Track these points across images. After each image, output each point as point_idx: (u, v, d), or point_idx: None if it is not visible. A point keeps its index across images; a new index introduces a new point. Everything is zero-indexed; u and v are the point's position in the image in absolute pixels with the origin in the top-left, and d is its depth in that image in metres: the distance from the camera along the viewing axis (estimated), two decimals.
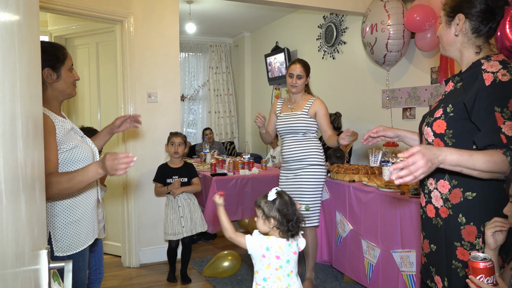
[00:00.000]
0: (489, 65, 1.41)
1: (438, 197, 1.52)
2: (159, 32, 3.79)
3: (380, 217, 2.85)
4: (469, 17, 1.46)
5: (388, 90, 4.42)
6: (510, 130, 1.28)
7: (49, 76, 1.65)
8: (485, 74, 1.39)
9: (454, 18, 1.49)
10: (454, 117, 1.45)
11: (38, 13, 0.92)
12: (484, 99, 1.34)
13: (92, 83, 4.12)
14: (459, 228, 1.46)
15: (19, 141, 0.68)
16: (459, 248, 1.47)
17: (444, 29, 1.53)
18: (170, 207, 3.32)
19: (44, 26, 4.26)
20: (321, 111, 3.11)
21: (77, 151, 1.66)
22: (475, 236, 1.43)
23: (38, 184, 0.84)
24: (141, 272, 3.63)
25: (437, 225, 1.54)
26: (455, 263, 1.48)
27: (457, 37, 1.50)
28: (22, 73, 0.71)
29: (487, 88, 1.35)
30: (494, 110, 1.31)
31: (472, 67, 1.47)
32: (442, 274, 1.53)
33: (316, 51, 5.68)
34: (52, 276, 1.07)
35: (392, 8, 3.86)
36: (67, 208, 1.63)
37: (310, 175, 3.08)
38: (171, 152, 3.35)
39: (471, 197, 1.44)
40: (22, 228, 0.68)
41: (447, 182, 1.49)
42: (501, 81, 1.34)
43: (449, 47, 1.55)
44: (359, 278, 3.10)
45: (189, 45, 7.60)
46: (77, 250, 1.65)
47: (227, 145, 7.40)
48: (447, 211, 1.49)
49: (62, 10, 3.33)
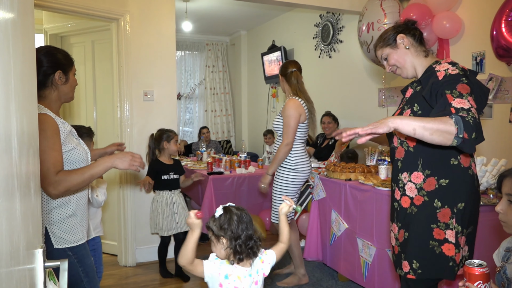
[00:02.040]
0: (440, 66, 1.69)
1: (412, 188, 1.72)
2: (155, 30, 3.78)
3: (376, 216, 2.86)
4: (404, 33, 1.80)
5: (384, 89, 4.43)
6: (458, 103, 1.49)
7: (60, 78, 1.72)
8: (438, 72, 1.66)
9: (396, 41, 1.80)
10: (421, 114, 1.68)
11: (33, 11, 0.91)
12: (437, 87, 1.60)
13: (88, 82, 4.10)
14: (435, 211, 1.67)
15: (13, 139, 0.68)
16: (436, 229, 1.66)
17: (395, 53, 1.81)
18: (164, 204, 3.34)
19: (39, 24, 4.23)
20: (283, 112, 3.05)
21: (74, 153, 1.71)
22: (449, 217, 1.65)
23: (33, 183, 0.83)
24: (137, 271, 3.63)
25: (411, 213, 1.72)
26: (432, 243, 1.67)
27: (409, 49, 1.79)
28: (17, 71, 0.71)
29: (439, 81, 1.61)
30: (445, 93, 1.55)
31: (427, 71, 1.74)
32: (411, 257, 1.71)
33: (312, 49, 5.68)
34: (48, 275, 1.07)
35: (388, 7, 3.86)
36: (61, 203, 1.69)
37: (277, 175, 3.13)
38: (174, 149, 3.38)
39: (445, 183, 1.65)
40: (16, 227, 0.68)
41: (420, 173, 1.70)
42: (450, 74, 1.61)
43: (406, 65, 1.81)
44: (354, 277, 3.11)
45: (185, 43, 7.58)
46: (75, 243, 1.70)
47: (223, 143, 7.40)
48: (422, 199, 1.69)
49: (58, 8, 3.31)
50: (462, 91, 1.52)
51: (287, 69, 3.16)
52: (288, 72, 3.15)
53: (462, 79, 1.57)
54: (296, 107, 3.01)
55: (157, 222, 3.36)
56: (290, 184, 3.08)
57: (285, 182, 3.09)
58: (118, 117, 3.71)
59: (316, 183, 3.54)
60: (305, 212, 4.11)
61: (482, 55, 3.35)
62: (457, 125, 1.40)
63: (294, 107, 3.01)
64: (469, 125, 1.41)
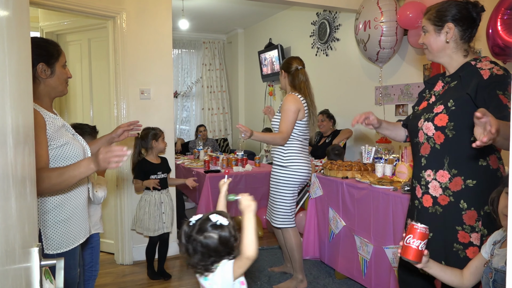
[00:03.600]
0: (482, 64, 1.61)
1: (436, 186, 1.66)
2: (152, 28, 3.76)
3: (372, 214, 2.86)
4: (457, 26, 1.66)
5: (381, 87, 4.43)
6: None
7: (43, 71, 1.64)
8: (481, 71, 1.58)
9: (443, 27, 1.67)
10: (455, 111, 1.61)
11: (28, 9, 0.91)
12: (486, 87, 1.53)
13: (84, 80, 4.09)
14: (460, 213, 1.61)
15: (9, 137, 0.67)
16: (461, 232, 1.61)
17: (434, 37, 1.70)
18: (152, 203, 3.28)
19: (35, 22, 4.21)
20: (282, 106, 3.00)
21: (67, 148, 1.64)
22: (475, 219, 1.59)
23: (29, 181, 0.83)
24: (134, 269, 3.63)
25: (435, 213, 1.67)
26: (456, 246, 1.62)
27: (448, 43, 1.68)
28: (12, 69, 0.71)
29: (486, 80, 1.54)
30: (498, 93, 1.50)
31: (464, 68, 1.66)
32: (439, 258, 1.64)
33: (309, 48, 5.68)
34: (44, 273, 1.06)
35: (385, 5, 3.87)
36: (57, 205, 1.63)
37: (272, 174, 3.10)
38: (162, 147, 3.34)
39: (471, 184, 1.59)
40: (12, 225, 0.68)
41: (446, 172, 1.63)
42: (497, 74, 1.55)
43: (439, 53, 1.72)
44: (353, 274, 3.12)
45: (182, 41, 7.56)
46: (67, 248, 1.64)
47: (220, 142, 7.39)
48: (447, 199, 1.63)
49: (54, 6, 3.29)
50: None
51: (291, 66, 3.08)
52: (292, 69, 3.07)
53: (509, 80, 1.53)
54: (295, 101, 2.95)
55: (142, 221, 3.29)
56: (283, 182, 3.01)
57: (277, 179, 3.04)
58: (115, 116, 3.70)
59: (313, 181, 3.55)
60: (302, 210, 4.12)
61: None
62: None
63: (293, 101, 2.95)
64: None
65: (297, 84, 3.06)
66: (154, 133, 3.31)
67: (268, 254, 3.86)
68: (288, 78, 3.10)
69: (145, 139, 3.30)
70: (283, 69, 3.14)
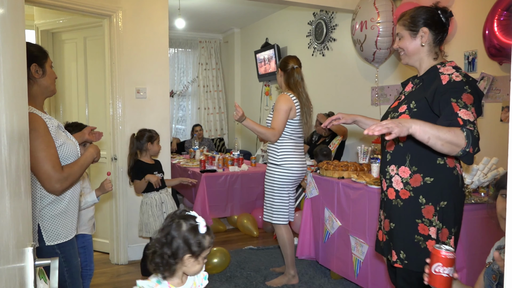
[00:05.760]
0: (444, 69, 1.71)
1: (398, 181, 1.77)
2: (148, 27, 3.75)
3: (368, 214, 2.87)
4: (430, 30, 1.75)
5: (377, 87, 4.44)
6: (465, 115, 1.54)
7: (37, 71, 1.68)
8: (442, 76, 1.68)
9: (418, 32, 1.76)
10: (417, 112, 1.71)
11: (23, 6, 0.90)
12: (442, 93, 1.62)
13: (79, 79, 4.07)
14: (419, 207, 1.71)
15: (3, 136, 0.67)
16: (420, 225, 1.72)
17: (409, 41, 1.79)
18: (154, 205, 3.25)
19: (30, 20, 4.19)
20: (275, 106, 3.06)
21: (65, 148, 1.70)
22: (432, 214, 1.70)
23: (24, 181, 0.82)
24: (129, 269, 3.61)
25: (397, 205, 1.78)
26: (417, 237, 1.72)
27: (423, 47, 1.77)
28: (6, 67, 0.70)
29: (443, 86, 1.64)
30: (451, 101, 1.58)
31: (430, 71, 1.76)
32: (398, 248, 1.77)
33: (306, 48, 5.69)
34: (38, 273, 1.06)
35: (381, 5, 3.88)
36: (54, 200, 1.70)
37: (267, 173, 3.15)
38: (157, 150, 3.32)
39: (429, 181, 1.70)
40: (6, 225, 0.67)
41: (407, 168, 1.74)
42: (455, 80, 1.63)
43: (413, 56, 1.81)
44: (347, 274, 3.12)
45: (178, 40, 7.55)
46: (66, 238, 1.73)
47: (216, 141, 7.39)
48: (408, 193, 1.74)
49: (49, 4, 3.27)
50: (467, 102, 1.57)
51: (287, 65, 3.12)
52: (289, 68, 3.11)
53: (465, 87, 1.60)
54: (287, 101, 3.01)
55: (147, 225, 3.25)
56: (277, 180, 3.06)
57: (271, 178, 3.09)
58: (110, 115, 3.69)
59: (309, 181, 3.55)
60: (298, 210, 4.12)
61: (474, 54, 3.37)
62: (467, 140, 1.47)
63: (285, 101, 3.01)
64: (475, 140, 1.49)
65: (292, 83, 3.11)
66: (150, 136, 3.27)
67: (264, 254, 3.85)
68: (284, 77, 3.15)
69: (140, 141, 3.28)
70: (280, 67, 3.20)
